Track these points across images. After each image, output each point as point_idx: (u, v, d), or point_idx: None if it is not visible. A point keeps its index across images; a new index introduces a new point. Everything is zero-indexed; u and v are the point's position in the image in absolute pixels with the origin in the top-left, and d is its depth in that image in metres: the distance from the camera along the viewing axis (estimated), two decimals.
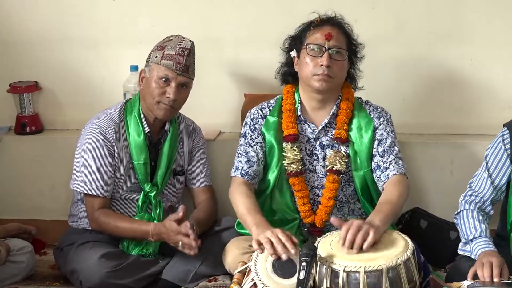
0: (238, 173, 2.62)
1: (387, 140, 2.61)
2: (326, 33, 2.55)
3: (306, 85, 2.61)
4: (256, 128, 2.67)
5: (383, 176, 2.57)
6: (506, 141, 2.49)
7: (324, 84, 2.55)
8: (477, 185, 2.55)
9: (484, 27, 3.10)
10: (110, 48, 3.27)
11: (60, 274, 2.89)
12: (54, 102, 3.36)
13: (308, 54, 2.56)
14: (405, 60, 3.15)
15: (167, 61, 2.69)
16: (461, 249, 2.49)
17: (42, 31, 3.29)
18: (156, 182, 2.81)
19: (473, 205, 2.52)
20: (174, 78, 2.69)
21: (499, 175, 2.51)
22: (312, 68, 2.55)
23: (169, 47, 2.71)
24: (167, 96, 2.70)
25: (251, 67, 3.22)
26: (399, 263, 2.12)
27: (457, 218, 2.55)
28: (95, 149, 2.74)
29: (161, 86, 2.70)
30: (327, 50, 2.54)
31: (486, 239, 2.41)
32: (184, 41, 2.74)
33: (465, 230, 2.47)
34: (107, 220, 2.73)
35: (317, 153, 2.66)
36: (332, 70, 2.55)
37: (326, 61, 2.52)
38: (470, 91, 3.17)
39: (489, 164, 2.52)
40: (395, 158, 2.58)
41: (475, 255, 2.39)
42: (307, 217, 2.64)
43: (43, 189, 3.28)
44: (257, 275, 2.18)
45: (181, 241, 2.59)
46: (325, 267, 2.15)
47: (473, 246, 2.42)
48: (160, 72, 2.69)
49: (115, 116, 2.79)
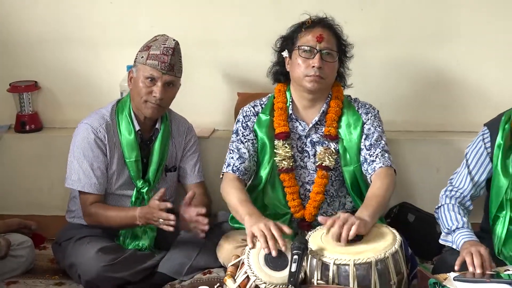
0: (230, 169, 2.63)
1: (374, 134, 2.63)
2: (317, 35, 2.57)
3: (298, 85, 2.63)
4: (248, 125, 2.69)
5: (370, 169, 2.59)
6: (486, 140, 2.52)
7: (315, 84, 2.58)
8: (457, 181, 2.58)
9: (471, 27, 3.12)
10: (109, 48, 3.28)
11: (59, 268, 2.91)
12: (53, 101, 3.37)
13: (300, 56, 2.58)
14: (394, 60, 3.18)
15: (152, 61, 2.70)
16: (443, 239, 2.51)
17: (41, 32, 3.30)
18: (148, 178, 2.83)
19: (453, 199, 2.54)
20: (160, 78, 2.70)
21: (478, 172, 2.54)
22: (304, 69, 2.57)
23: (154, 47, 2.72)
24: (154, 95, 2.71)
25: (245, 67, 3.23)
26: (387, 255, 2.15)
27: (437, 212, 2.57)
28: (87, 147, 2.76)
29: (148, 86, 2.72)
30: (319, 51, 2.56)
31: (468, 230, 2.44)
32: (168, 41, 2.74)
33: (446, 222, 2.49)
34: (98, 211, 2.74)
35: (307, 150, 2.68)
36: (324, 71, 2.57)
37: (317, 63, 2.54)
38: (457, 90, 3.19)
39: (469, 161, 2.55)
40: (382, 151, 2.60)
41: (457, 245, 2.41)
42: (296, 212, 2.65)
43: (43, 185, 3.31)
44: (250, 268, 2.20)
45: (160, 218, 2.59)
46: (316, 260, 2.18)
47: (455, 236, 2.44)
48: (146, 72, 2.71)
49: (107, 115, 2.81)
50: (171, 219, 2.57)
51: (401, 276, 2.20)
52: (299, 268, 2.10)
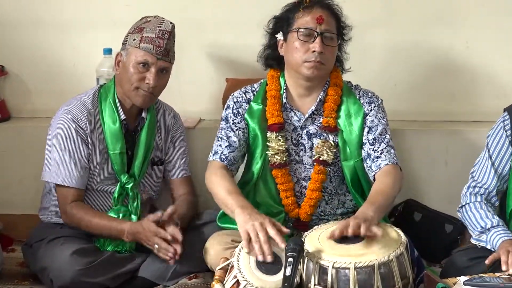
0: (218, 157, 2.58)
1: (378, 127, 2.57)
2: (317, 16, 2.50)
3: (294, 71, 2.56)
4: (239, 112, 2.62)
5: (374, 166, 2.53)
6: (507, 127, 2.47)
7: (315, 71, 2.52)
8: (480, 175, 2.53)
9: (478, 10, 3.09)
10: (82, 30, 3.24)
11: (29, 272, 2.83)
12: (21, 88, 3.33)
13: (298, 39, 2.51)
14: (396, 43, 3.14)
15: (146, 44, 2.63)
16: (476, 239, 2.48)
17: (8, 13, 3.25)
18: (133, 173, 2.76)
19: (478, 197, 2.52)
20: (154, 63, 2.64)
21: (502, 162, 2.50)
22: (302, 54, 2.50)
23: (148, 29, 2.66)
24: (147, 82, 2.65)
25: (233, 50, 3.19)
26: (391, 258, 2.08)
27: (461, 211, 2.55)
28: (68, 137, 2.68)
29: (140, 72, 2.65)
30: (319, 34, 2.49)
31: (504, 229, 2.41)
32: (164, 23, 2.68)
33: (477, 222, 2.46)
34: (80, 214, 2.67)
35: (303, 143, 2.62)
36: (324, 56, 2.51)
37: (319, 48, 2.48)
38: (466, 76, 3.16)
39: (491, 151, 2.51)
40: (387, 146, 2.55)
41: (494, 245, 2.38)
42: (291, 210, 2.60)
43: (10, 181, 3.24)
44: (240, 272, 2.15)
45: (157, 244, 2.54)
46: (313, 263, 2.11)
47: (491, 235, 2.41)
48: (139, 57, 2.64)
49: (88, 102, 2.73)
50: (170, 251, 2.52)
51: (406, 280, 2.13)
52: (294, 272, 2.03)
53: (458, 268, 2.35)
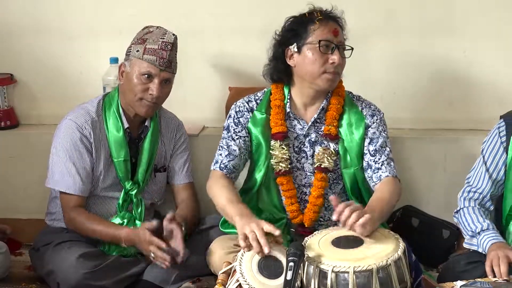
0: (217, 167, 2.59)
1: (379, 140, 2.58)
2: (333, 29, 2.52)
3: (309, 82, 2.55)
4: (241, 122, 2.62)
5: (375, 177, 2.55)
6: (502, 133, 2.47)
7: (333, 83, 2.54)
8: (475, 180, 2.52)
9: (477, 19, 3.08)
10: (89, 39, 3.23)
11: (36, 276, 2.84)
12: (30, 95, 3.33)
13: (318, 51, 2.50)
14: (396, 52, 3.14)
15: (149, 56, 2.63)
16: (467, 242, 2.47)
17: (17, 22, 3.26)
18: (137, 179, 2.76)
19: (472, 202, 2.51)
20: (158, 75, 2.64)
21: (496, 168, 2.48)
22: (320, 66, 2.50)
23: (150, 41, 2.65)
24: (150, 93, 2.64)
25: (236, 59, 3.19)
26: (389, 263, 2.08)
27: (456, 216, 2.54)
28: (72, 146, 2.69)
29: (144, 83, 2.64)
30: (337, 47, 2.51)
31: (494, 232, 2.40)
32: (167, 35, 2.67)
33: (469, 226, 2.46)
34: (81, 220, 2.68)
35: (305, 150, 2.62)
36: (340, 68, 2.54)
37: (338, 59, 2.49)
38: (465, 84, 3.15)
39: (485, 157, 2.50)
40: (387, 159, 2.56)
41: (484, 248, 2.38)
42: (295, 217, 2.60)
43: (18, 186, 3.25)
44: (242, 276, 2.15)
45: (153, 253, 2.53)
46: (313, 267, 2.11)
47: (481, 238, 2.40)
48: (143, 68, 2.63)
49: (92, 111, 2.73)
50: (167, 259, 2.51)
51: (404, 284, 2.12)
52: (295, 276, 2.03)
53: (455, 272, 2.34)
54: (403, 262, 2.12)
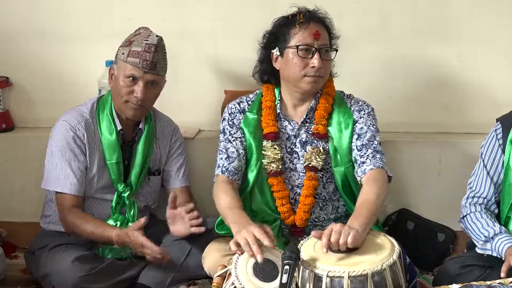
0: (219, 171, 2.58)
1: (366, 134, 2.55)
2: (314, 32, 2.50)
3: (293, 85, 2.56)
4: (235, 123, 2.63)
5: (359, 171, 2.51)
6: (499, 135, 2.47)
7: (315, 85, 2.53)
8: (477, 185, 2.52)
9: (470, 23, 3.08)
10: (85, 42, 3.23)
11: (31, 279, 2.84)
12: (26, 98, 3.33)
13: (297, 55, 2.50)
14: (391, 56, 3.14)
15: (133, 58, 2.64)
16: (481, 248, 2.44)
17: (13, 25, 3.25)
18: (130, 182, 2.77)
19: (478, 206, 2.50)
20: (141, 77, 2.64)
21: (497, 171, 2.48)
22: (301, 69, 2.51)
23: (136, 43, 2.66)
24: (135, 95, 2.65)
25: (232, 62, 3.18)
26: (384, 267, 2.07)
27: (463, 222, 2.53)
28: (66, 146, 2.70)
29: (129, 85, 2.65)
30: (317, 50, 2.50)
31: (507, 235, 2.39)
32: (151, 37, 2.67)
33: (479, 232, 2.44)
34: (74, 221, 2.68)
35: (297, 151, 2.61)
36: (322, 70, 2.52)
37: (318, 63, 2.48)
38: (458, 88, 3.15)
39: (485, 161, 2.49)
40: (373, 151, 2.52)
41: (499, 251, 2.36)
42: (287, 218, 2.59)
43: (14, 189, 3.24)
44: (237, 279, 2.14)
45: (148, 255, 2.56)
46: (308, 271, 2.10)
47: (495, 243, 2.38)
48: (127, 71, 2.65)
49: (86, 113, 2.75)
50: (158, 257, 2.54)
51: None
52: (290, 279, 2.02)
53: (450, 276, 2.34)
54: (398, 267, 2.11)
